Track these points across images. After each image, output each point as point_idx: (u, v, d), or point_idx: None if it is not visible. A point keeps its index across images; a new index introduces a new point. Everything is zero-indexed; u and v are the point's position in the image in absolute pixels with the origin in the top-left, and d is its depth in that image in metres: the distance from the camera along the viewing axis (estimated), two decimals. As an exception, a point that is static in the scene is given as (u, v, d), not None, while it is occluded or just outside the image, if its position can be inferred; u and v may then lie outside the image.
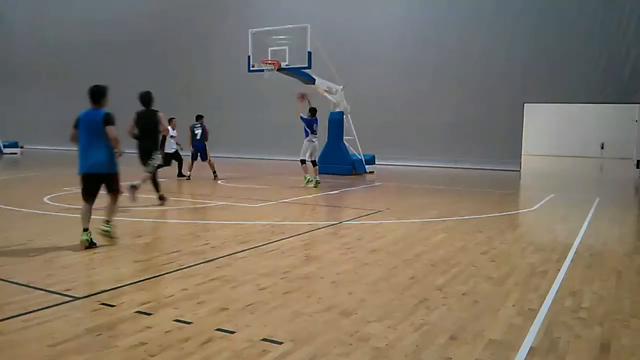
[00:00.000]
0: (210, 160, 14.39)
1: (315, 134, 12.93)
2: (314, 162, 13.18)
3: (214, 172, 14.42)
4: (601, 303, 4.54)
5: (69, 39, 30.68)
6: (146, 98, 9.47)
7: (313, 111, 12.97)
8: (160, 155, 9.83)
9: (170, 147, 13.45)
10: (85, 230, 6.14)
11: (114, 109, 6.34)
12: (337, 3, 23.49)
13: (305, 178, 13.04)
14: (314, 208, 10.23)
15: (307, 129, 12.82)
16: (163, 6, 27.90)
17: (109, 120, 6.17)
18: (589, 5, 19.44)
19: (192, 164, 14.29)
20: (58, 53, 31.10)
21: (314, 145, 12.96)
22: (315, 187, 12.86)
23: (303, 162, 13.01)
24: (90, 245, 6.10)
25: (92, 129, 6.18)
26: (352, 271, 5.43)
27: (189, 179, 13.94)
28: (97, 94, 6.28)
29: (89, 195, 6.27)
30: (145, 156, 9.39)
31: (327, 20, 22.21)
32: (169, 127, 12.98)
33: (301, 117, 12.80)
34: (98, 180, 6.27)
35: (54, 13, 31.70)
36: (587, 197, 12.16)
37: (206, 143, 14.26)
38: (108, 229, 6.31)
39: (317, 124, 12.98)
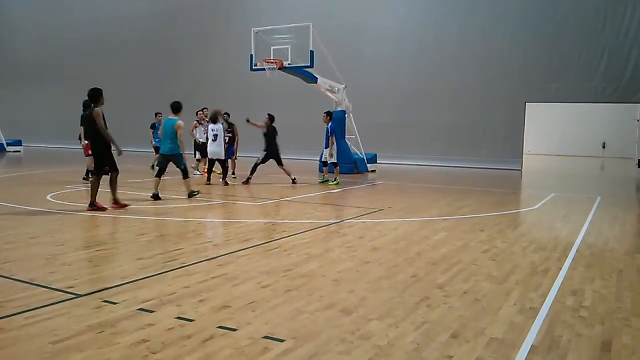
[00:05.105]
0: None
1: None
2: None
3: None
4: (602, 302, 4.55)
5: (72, 38, 30.73)
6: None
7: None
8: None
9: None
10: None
11: (114, 108, 6.42)
12: (339, 2, 23.47)
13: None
14: (315, 207, 10.24)
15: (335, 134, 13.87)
16: (165, 6, 27.90)
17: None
18: (591, 3, 19.40)
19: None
20: (61, 52, 31.16)
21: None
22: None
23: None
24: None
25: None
26: (354, 270, 5.44)
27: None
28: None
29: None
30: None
31: (329, 19, 22.20)
32: None
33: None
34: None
35: (57, 12, 31.73)
36: (588, 197, 12.15)
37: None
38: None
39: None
